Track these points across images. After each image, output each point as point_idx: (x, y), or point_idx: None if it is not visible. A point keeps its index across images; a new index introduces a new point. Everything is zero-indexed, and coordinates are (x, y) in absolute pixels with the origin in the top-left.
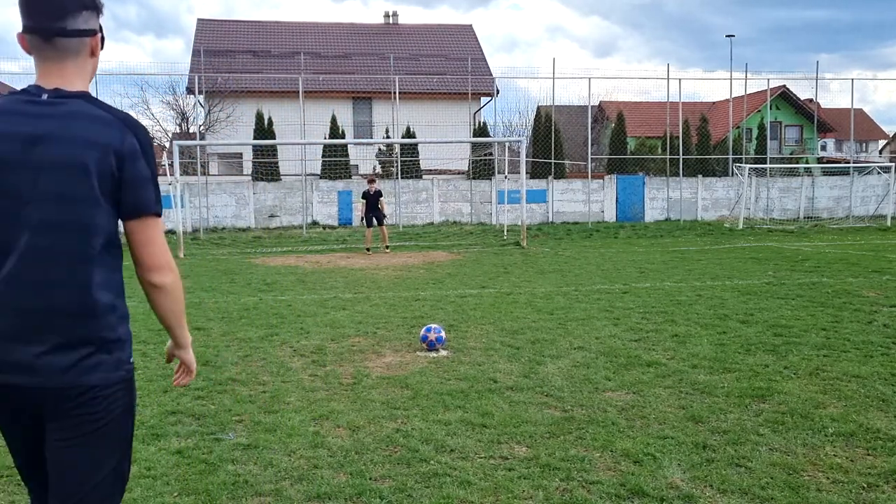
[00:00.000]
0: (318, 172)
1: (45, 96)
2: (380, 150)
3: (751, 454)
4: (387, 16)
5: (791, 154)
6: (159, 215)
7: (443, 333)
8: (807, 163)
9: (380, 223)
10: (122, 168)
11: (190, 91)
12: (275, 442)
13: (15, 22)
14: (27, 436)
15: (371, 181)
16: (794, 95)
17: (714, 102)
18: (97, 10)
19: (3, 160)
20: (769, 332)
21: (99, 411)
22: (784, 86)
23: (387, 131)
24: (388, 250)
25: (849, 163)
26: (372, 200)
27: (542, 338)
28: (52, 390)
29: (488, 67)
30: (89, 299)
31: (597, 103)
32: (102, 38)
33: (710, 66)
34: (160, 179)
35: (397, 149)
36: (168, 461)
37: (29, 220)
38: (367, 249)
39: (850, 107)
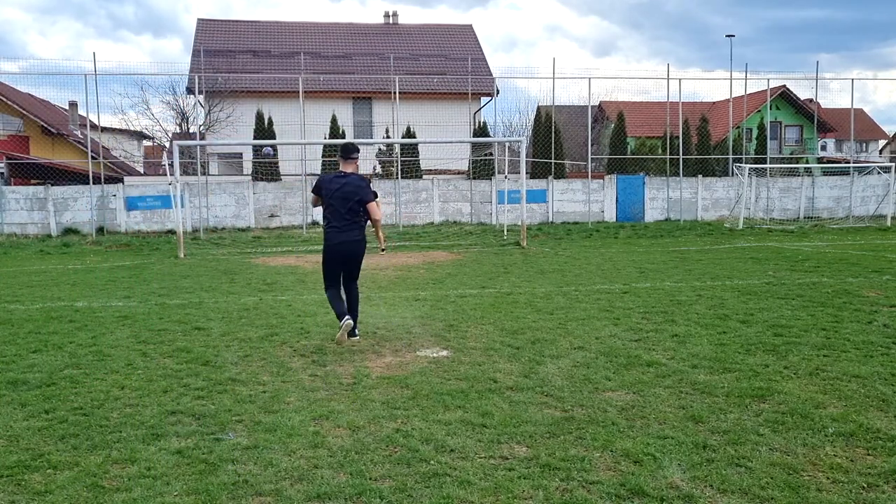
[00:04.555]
0: (319, 172)
1: (342, 174)
2: (380, 150)
3: (751, 454)
4: (387, 16)
5: (791, 154)
6: (375, 200)
7: None
8: (807, 163)
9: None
10: (361, 194)
11: (190, 91)
12: (275, 442)
13: (15, 21)
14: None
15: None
16: (794, 95)
17: (714, 102)
18: (358, 151)
19: (334, 192)
20: (769, 332)
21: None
22: (784, 86)
23: (387, 131)
24: (383, 252)
25: (849, 163)
26: None
27: (542, 338)
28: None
29: (488, 67)
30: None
31: (597, 103)
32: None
33: (709, 65)
34: (160, 179)
35: (397, 149)
36: (168, 461)
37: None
38: None
39: (850, 107)
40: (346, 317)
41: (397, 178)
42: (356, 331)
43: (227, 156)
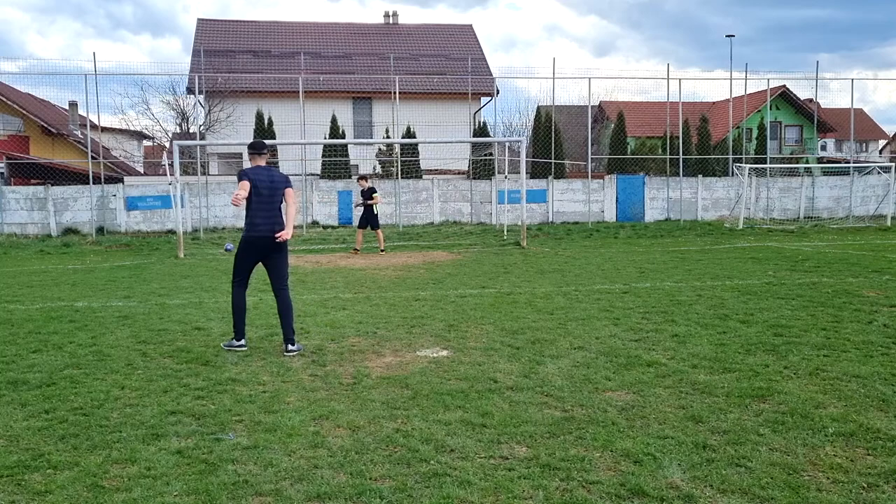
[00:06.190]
0: (318, 172)
1: (265, 167)
2: (380, 150)
3: (751, 454)
4: (387, 16)
5: (791, 154)
6: (292, 187)
7: None
8: (807, 163)
9: (374, 227)
10: (285, 184)
11: (190, 91)
12: (275, 442)
13: (13, 20)
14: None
15: (362, 179)
16: (794, 95)
17: (714, 102)
18: (266, 147)
19: (264, 185)
20: (769, 332)
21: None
22: (784, 86)
23: (387, 131)
24: (383, 252)
25: (849, 163)
26: (367, 198)
27: (542, 338)
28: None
29: (488, 67)
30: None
31: (597, 103)
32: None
33: (709, 65)
34: (160, 179)
35: (397, 149)
36: (168, 461)
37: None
38: (356, 250)
39: (850, 107)
40: (245, 340)
41: (397, 178)
42: (295, 341)
43: (227, 156)
